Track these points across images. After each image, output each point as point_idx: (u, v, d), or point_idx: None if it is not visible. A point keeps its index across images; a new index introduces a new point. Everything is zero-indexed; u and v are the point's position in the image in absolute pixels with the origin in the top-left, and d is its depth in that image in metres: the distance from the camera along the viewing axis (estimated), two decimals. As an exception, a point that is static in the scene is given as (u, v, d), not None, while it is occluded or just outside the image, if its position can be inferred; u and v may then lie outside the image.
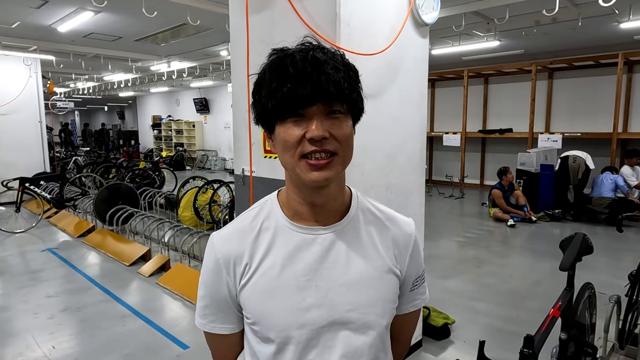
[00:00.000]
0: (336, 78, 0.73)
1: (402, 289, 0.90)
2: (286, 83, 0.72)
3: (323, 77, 0.72)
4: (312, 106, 0.73)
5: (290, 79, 0.72)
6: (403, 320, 0.96)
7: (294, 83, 0.72)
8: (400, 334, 0.98)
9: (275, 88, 0.73)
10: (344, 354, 0.82)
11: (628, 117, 8.40)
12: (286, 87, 0.72)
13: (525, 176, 7.63)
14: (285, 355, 0.81)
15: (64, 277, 4.50)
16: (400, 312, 0.93)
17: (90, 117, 28.33)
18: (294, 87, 0.72)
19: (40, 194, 6.83)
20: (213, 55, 9.00)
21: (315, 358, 0.81)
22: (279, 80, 0.73)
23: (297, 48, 0.76)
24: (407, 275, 0.90)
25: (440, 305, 3.49)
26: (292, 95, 0.72)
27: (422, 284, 0.95)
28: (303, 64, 0.72)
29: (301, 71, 0.72)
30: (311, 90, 0.72)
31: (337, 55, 0.77)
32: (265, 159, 2.64)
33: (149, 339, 3.23)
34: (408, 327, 1.01)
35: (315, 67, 0.72)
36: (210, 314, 0.88)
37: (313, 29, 2.22)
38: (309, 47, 0.76)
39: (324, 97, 0.73)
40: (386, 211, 0.92)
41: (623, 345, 2.73)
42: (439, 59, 9.09)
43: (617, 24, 6.25)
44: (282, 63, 0.74)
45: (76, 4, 5.53)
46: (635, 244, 5.70)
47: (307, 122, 0.74)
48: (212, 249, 0.86)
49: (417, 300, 0.96)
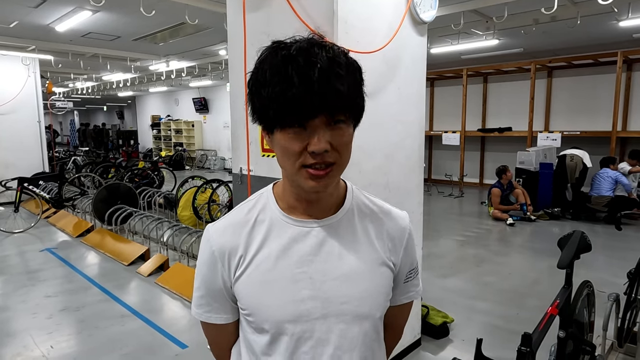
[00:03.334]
0: (342, 89, 0.70)
1: (395, 281, 0.92)
2: (290, 89, 0.69)
3: (329, 89, 0.69)
4: (314, 119, 0.71)
5: (294, 87, 0.69)
6: (397, 311, 0.97)
7: (298, 92, 0.69)
8: (393, 324, 1.00)
9: (277, 93, 0.70)
10: (338, 345, 0.83)
11: (627, 115, 8.40)
12: (290, 92, 0.69)
13: (525, 175, 7.63)
14: (280, 346, 0.82)
15: (63, 277, 4.50)
16: (394, 304, 0.94)
17: (90, 117, 28.32)
18: (298, 97, 0.69)
19: (39, 194, 6.83)
20: (212, 54, 8.99)
21: (310, 349, 0.82)
22: (282, 86, 0.69)
23: (301, 46, 0.72)
24: (401, 267, 0.92)
25: (440, 304, 3.49)
26: (295, 106, 0.70)
27: (415, 276, 0.97)
28: (307, 72, 0.69)
29: (306, 80, 0.68)
30: (316, 102, 0.69)
31: (341, 56, 0.73)
32: (263, 158, 2.64)
33: (148, 339, 3.22)
34: (401, 318, 1.02)
35: (320, 77, 0.69)
36: (206, 304, 0.88)
37: (310, 26, 2.22)
38: (312, 42, 0.72)
39: (327, 109, 0.71)
40: (381, 205, 0.93)
41: (622, 343, 2.73)
42: (438, 58, 9.08)
43: (616, 22, 6.24)
44: (285, 67, 0.70)
45: (74, 3, 5.51)
46: (634, 242, 5.70)
47: (308, 134, 0.73)
48: (208, 241, 0.86)
49: (411, 292, 0.97)
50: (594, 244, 2.23)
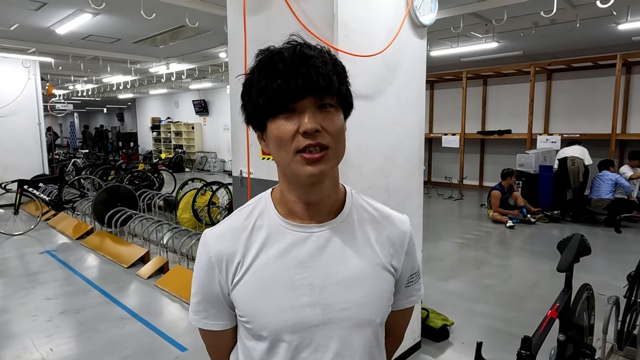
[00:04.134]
0: (325, 71, 0.73)
1: (397, 285, 0.91)
2: (276, 79, 0.72)
3: (312, 70, 0.72)
4: (303, 100, 0.73)
5: (280, 75, 0.72)
6: (398, 316, 0.96)
7: (284, 78, 0.72)
8: (395, 329, 0.99)
9: (265, 85, 0.73)
10: (338, 351, 0.81)
11: (627, 117, 8.41)
12: (276, 82, 0.72)
13: (524, 177, 7.63)
14: (278, 353, 0.81)
15: (63, 280, 4.49)
16: (396, 308, 0.93)
17: (90, 119, 28.32)
18: (284, 81, 0.72)
19: (38, 196, 6.82)
20: (212, 57, 9.01)
21: (309, 356, 0.81)
22: (269, 77, 0.73)
23: (283, 46, 0.76)
24: (403, 272, 0.91)
25: (439, 307, 3.49)
26: (283, 89, 0.72)
27: (417, 280, 0.96)
28: (292, 59, 0.73)
29: (290, 66, 0.72)
30: (302, 83, 0.72)
31: (324, 51, 0.77)
32: (263, 161, 2.64)
33: (148, 341, 3.22)
34: (403, 323, 1.02)
35: (304, 61, 0.73)
36: (203, 310, 0.87)
37: (310, 30, 2.22)
38: (296, 44, 0.76)
39: (314, 90, 0.73)
40: (381, 209, 0.92)
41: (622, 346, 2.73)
42: (438, 61, 9.10)
43: (615, 25, 6.26)
44: (270, 61, 0.74)
45: (75, 6, 5.53)
46: (633, 245, 5.70)
47: (298, 116, 0.74)
48: (205, 247, 0.85)
49: (413, 297, 0.96)
50: (593, 246, 2.23)
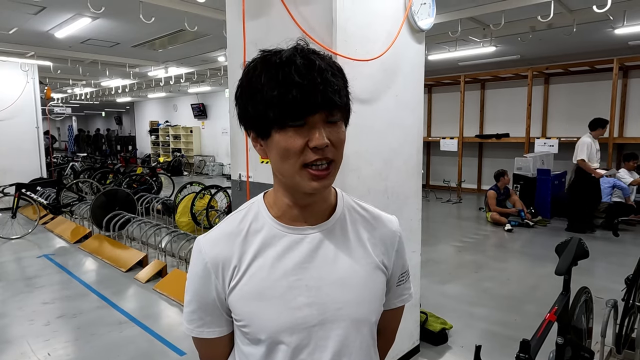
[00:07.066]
0: (337, 87, 0.74)
1: (389, 284, 0.93)
2: (291, 90, 0.71)
3: (327, 85, 0.73)
4: (315, 114, 0.74)
5: (296, 87, 0.71)
6: (390, 315, 0.98)
7: (300, 91, 0.71)
8: (387, 328, 1.00)
9: (278, 95, 0.72)
10: (336, 351, 0.82)
11: (624, 122, 8.44)
12: (291, 94, 0.71)
13: (522, 181, 7.65)
14: (277, 356, 0.82)
15: (60, 284, 4.48)
16: (387, 307, 0.95)
17: (88, 123, 28.29)
18: (302, 95, 0.71)
19: (36, 200, 6.81)
20: (210, 61, 9.01)
21: (307, 357, 0.81)
22: (283, 87, 0.71)
23: (291, 52, 0.74)
24: (394, 271, 0.93)
25: (438, 310, 3.49)
26: (299, 103, 0.71)
27: (407, 279, 0.99)
28: (308, 72, 0.72)
29: (306, 78, 0.71)
30: (320, 99, 0.72)
31: (332, 62, 0.77)
32: (262, 164, 2.64)
33: (146, 346, 3.21)
34: (394, 322, 1.04)
35: (319, 74, 0.72)
36: (198, 318, 0.87)
37: (309, 34, 2.23)
38: (305, 50, 0.76)
39: (328, 106, 0.74)
40: (371, 210, 0.94)
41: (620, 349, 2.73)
42: (436, 65, 9.13)
43: (611, 29, 6.29)
44: (281, 69, 0.72)
45: (74, 10, 5.53)
46: (631, 248, 5.71)
47: (308, 130, 0.74)
48: (200, 253, 0.84)
49: (404, 295, 0.98)
50: (591, 250, 2.24)
